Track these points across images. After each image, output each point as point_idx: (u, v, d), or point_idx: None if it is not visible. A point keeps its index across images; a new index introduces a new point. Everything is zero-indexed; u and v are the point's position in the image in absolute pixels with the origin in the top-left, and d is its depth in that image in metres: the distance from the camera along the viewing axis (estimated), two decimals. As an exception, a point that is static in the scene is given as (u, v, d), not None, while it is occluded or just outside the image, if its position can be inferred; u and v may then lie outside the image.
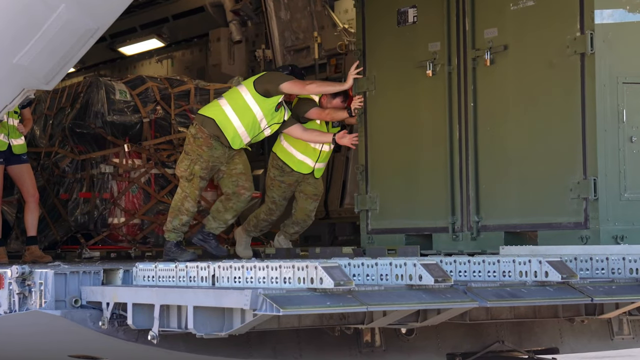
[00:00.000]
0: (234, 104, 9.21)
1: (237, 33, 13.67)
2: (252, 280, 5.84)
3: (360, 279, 5.96)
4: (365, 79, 9.01)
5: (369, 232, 8.94)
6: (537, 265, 6.06)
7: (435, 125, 8.39)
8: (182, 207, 9.33)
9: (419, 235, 8.53)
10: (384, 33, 8.86)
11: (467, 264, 6.32)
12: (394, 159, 8.75)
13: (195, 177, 9.27)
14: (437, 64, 8.34)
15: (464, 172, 8.16)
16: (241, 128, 9.22)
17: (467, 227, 8.14)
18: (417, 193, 8.53)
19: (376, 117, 8.93)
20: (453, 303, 5.85)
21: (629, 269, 6.39)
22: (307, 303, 5.49)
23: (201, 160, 9.24)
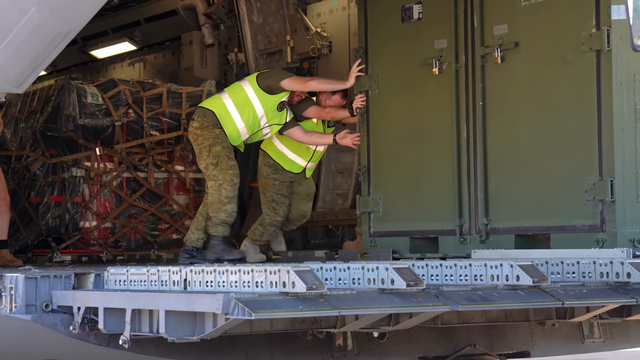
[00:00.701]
0: (235, 97, 8.91)
1: (210, 36, 13.64)
2: (224, 284, 5.84)
3: (332, 283, 5.96)
4: (368, 77, 8.73)
5: (371, 234, 8.64)
6: (509, 269, 6.09)
7: (441, 125, 8.13)
8: (221, 197, 8.73)
9: (424, 238, 8.26)
10: (387, 30, 8.58)
11: (439, 267, 6.34)
12: (398, 159, 8.49)
13: (221, 157, 8.76)
14: (444, 62, 8.08)
15: (472, 173, 7.92)
16: (241, 123, 8.88)
17: (476, 229, 7.88)
18: (422, 195, 8.27)
19: (379, 116, 8.65)
20: (425, 307, 5.86)
21: (600, 273, 6.42)
22: (279, 307, 5.49)
23: (219, 140, 8.81)
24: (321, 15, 12.36)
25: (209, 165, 8.75)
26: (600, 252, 6.83)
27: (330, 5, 12.25)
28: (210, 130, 8.80)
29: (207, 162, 8.75)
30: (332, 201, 12.11)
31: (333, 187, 12.20)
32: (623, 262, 6.39)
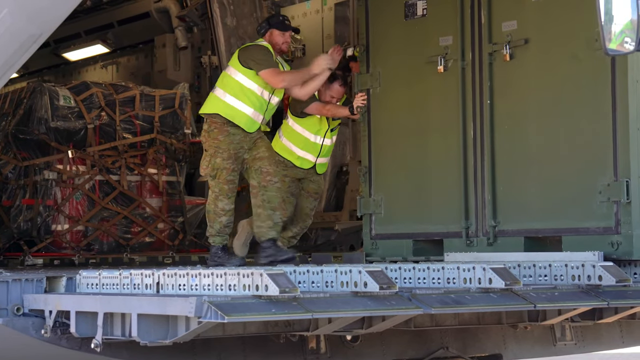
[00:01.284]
0: (230, 90, 8.52)
1: (183, 39, 13.63)
2: (197, 288, 5.82)
3: (305, 286, 5.96)
4: (369, 75, 8.48)
5: (372, 237, 8.37)
6: (481, 272, 6.11)
7: (446, 124, 7.90)
8: (216, 209, 8.51)
9: (428, 241, 8.02)
10: (390, 27, 8.35)
11: (411, 270, 6.35)
12: (401, 159, 8.25)
13: (220, 170, 8.47)
14: (449, 59, 7.86)
15: (479, 174, 7.70)
16: (248, 109, 8.48)
17: (483, 232, 7.65)
18: (426, 196, 8.03)
19: (381, 115, 8.41)
20: (398, 310, 5.87)
21: (571, 276, 6.45)
22: (252, 310, 5.48)
23: (220, 150, 8.48)
24: (295, 18, 12.37)
25: (208, 176, 8.58)
26: (572, 255, 6.85)
27: (304, 8, 12.27)
28: (216, 135, 8.50)
29: (207, 172, 8.57)
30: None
31: (306, 190, 12.19)
32: (594, 265, 6.42)
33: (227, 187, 8.50)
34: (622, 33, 5.20)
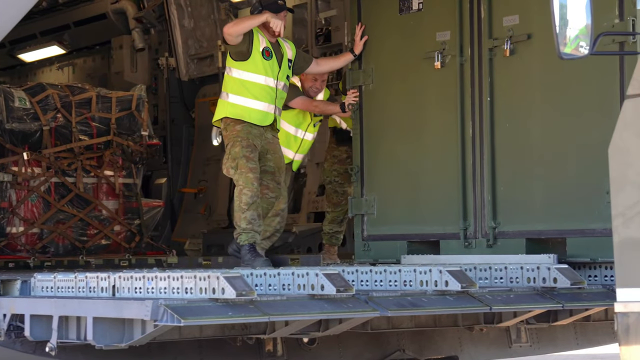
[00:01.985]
0: (231, 88, 8.06)
1: (140, 41, 13.57)
2: (153, 291, 5.80)
3: (262, 289, 5.95)
4: (362, 71, 8.21)
5: (364, 238, 8.09)
6: (438, 275, 6.13)
7: (443, 122, 7.63)
8: (241, 204, 7.89)
9: (423, 243, 7.75)
10: (383, 22, 8.09)
11: (368, 273, 6.37)
12: (395, 158, 7.98)
13: (240, 159, 7.91)
14: (447, 55, 7.59)
15: (478, 173, 7.43)
16: (258, 104, 8.00)
17: (482, 233, 7.39)
18: (422, 196, 7.76)
19: (374, 113, 8.14)
20: (354, 312, 5.88)
21: (527, 278, 6.49)
22: (209, 313, 5.47)
23: (239, 139, 7.95)
24: (252, 20, 12.33)
25: (230, 169, 8.00)
26: (527, 258, 6.89)
27: (262, 11, 12.24)
28: (233, 127, 8.00)
29: (228, 166, 8.01)
30: (263, 206, 12.10)
31: (264, 193, 12.18)
32: (550, 268, 6.47)
33: (251, 175, 7.88)
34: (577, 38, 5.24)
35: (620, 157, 5.15)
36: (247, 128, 7.97)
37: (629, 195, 5.05)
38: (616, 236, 5.07)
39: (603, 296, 6.57)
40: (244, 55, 7.98)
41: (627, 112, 5.18)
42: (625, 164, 5.11)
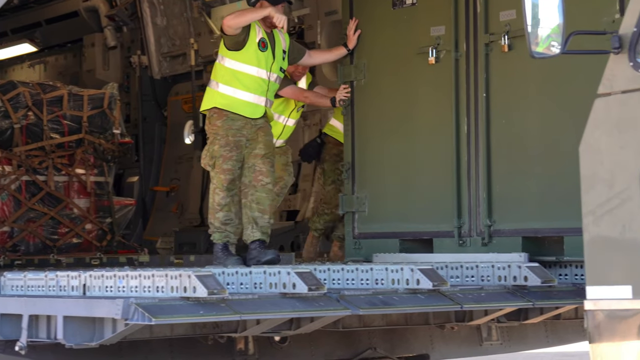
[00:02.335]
0: (222, 78, 7.84)
1: (112, 39, 13.51)
2: (125, 290, 5.78)
3: (234, 288, 5.95)
4: (353, 67, 8.06)
5: (355, 236, 7.94)
6: (409, 273, 6.15)
7: (437, 118, 7.48)
8: (213, 204, 7.83)
9: (416, 241, 7.60)
10: (376, 16, 7.94)
11: (340, 271, 6.37)
12: (387, 155, 7.81)
13: (217, 159, 7.78)
14: (441, 50, 7.44)
15: (473, 171, 7.28)
16: (247, 95, 7.83)
17: (477, 231, 7.25)
18: (415, 193, 7.61)
19: (365, 109, 7.96)
20: (326, 311, 5.89)
21: (498, 277, 6.52)
22: (180, 312, 5.46)
23: (218, 137, 7.80)
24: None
25: (207, 167, 7.91)
26: (499, 257, 6.92)
27: (235, 8, 12.22)
28: (214, 122, 7.84)
29: (206, 162, 7.90)
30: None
31: (236, 191, 12.17)
32: (520, 266, 6.50)
33: (223, 177, 7.77)
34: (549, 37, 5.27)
35: (590, 156, 5.19)
36: (228, 123, 7.79)
37: (600, 193, 5.09)
38: (586, 234, 5.11)
39: (573, 294, 6.61)
40: (239, 45, 7.81)
41: (597, 111, 5.22)
42: (595, 163, 5.14)
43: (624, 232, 4.95)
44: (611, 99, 5.15)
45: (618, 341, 4.91)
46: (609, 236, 5.02)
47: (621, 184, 5.00)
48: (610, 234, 5.02)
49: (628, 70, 5.08)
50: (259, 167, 7.84)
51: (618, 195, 5.03)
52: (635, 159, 4.96)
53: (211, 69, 12.45)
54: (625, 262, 4.94)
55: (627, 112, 5.08)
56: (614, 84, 5.16)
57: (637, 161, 4.96)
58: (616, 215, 5.01)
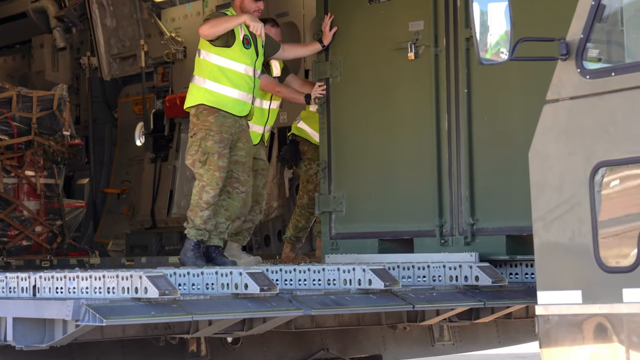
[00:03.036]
0: (208, 74, 7.69)
1: (61, 40, 13.42)
2: (75, 291, 5.74)
3: (186, 288, 5.93)
4: (329, 63, 7.88)
5: (332, 237, 7.74)
6: (361, 273, 6.16)
7: (417, 115, 7.29)
8: (200, 201, 7.56)
9: (396, 241, 7.39)
10: (351, 12, 7.77)
11: (292, 272, 6.37)
12: (365, 153, 7.62)
13: (211, 155, 7.56)
14: (420, 46, 7.26)
15: (455, 168, 7.10)
16: (235, 92, 7.68)
17: (459, 230, 7.06)
18: (394, 192, 7.40)
19: (342, 106, 7.79)
20: (278, 311, 5.89)
21: (449, 277, 6.55)
22: (131, 313, 5.43)
23: (212, 133, 7.60)
24: (175, 20, 12.28)
25: (196, 162, 7.61)
26: (450, 257, 6.95)
27: (185, 10, 12.20)
28: (206, 117, 7.63)
29: (195, 159, 7.62)
30: (187, 207, 12.00)
31: (188, 193, 12.11)
32: (472, 266, 6.53)
33: (218, 174, 7.55)
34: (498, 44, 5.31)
35: (539, 162, 5.23)
36: (221, 119, 7.65)
37: (549, 199, 5.13)
38: (537, 239, 5.14)
39: (524, 294, 6.65)
40: (226, 44, 7.68)
41: (546, 117, 5.26)
42: (544, 169, 5.19)
43: (574, 237, 5.00)
44: (559, 105, 5.20)
45: (568, 346, 4.95)
46: (559, 241, 5.06)
47: (570, 190, 5.04)
48: (560, 240, 5.06)
49: (575, 76, 5.12)
50: (237, 174, 7.73)
51: (567, 201, 5.08)
52: (583, 165, 5.01)
53: (162, 70, 12.58)
54: (575, 267, 4.98)
55: (575, 119, 5.13)
56: (561, 90, 5.20)
57: (586, 167, 5.00)
58: (566, 221, 5.05)
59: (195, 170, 7.67)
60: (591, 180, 4.97)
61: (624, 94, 4.94)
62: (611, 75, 5.00)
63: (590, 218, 4.93)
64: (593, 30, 5.13)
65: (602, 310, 4.85)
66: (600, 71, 5.06)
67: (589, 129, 5.08)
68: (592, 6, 5.09)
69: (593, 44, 5.17)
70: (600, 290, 4.88)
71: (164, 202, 12.08)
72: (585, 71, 5.09)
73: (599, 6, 5.10)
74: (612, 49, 5.25)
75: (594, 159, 4.98)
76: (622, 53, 5.15)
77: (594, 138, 5.04)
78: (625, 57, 5.11)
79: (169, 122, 12.24)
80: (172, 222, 11.94)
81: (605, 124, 5.01)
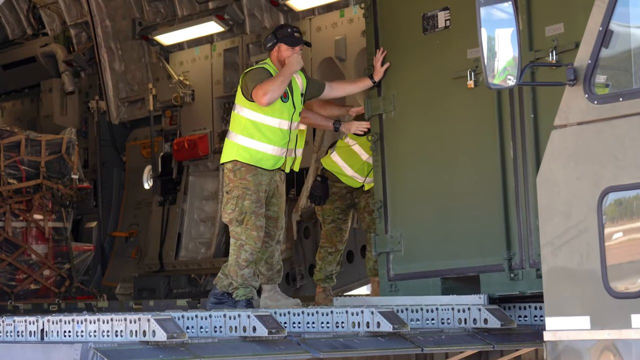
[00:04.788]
0: (242, 129, 7.46)
1: (70, 84, 13.50)
2: (83, 334, 5.73)
3: (194, 332, 5.91)
4: (382, 98, 7.60)
5: (390, 278, 7.39)
6: (370, 316, 6.14)
7: (478, 145, 6.99)
8: (239, 260, 7.41)
9: (460, 279, 7.07)
10: (404, 44, 7.50)
11: (300, 315, 6.35)
12: (423, 189, 7.32)
13: (248, 215, 7.38)
14: (481, 73, 6.60)
15: (522, 197, 6.74)
16: (269, 147, 7.47)
17: (530, 262, 6.69)
18: (456, 227, 7.07)
19: (396, 142, 7.50)
20: (287, 354, 5.86)
21: (458, 319, 6.53)
22: (139, 356, 5.42)
23: (249, 192, 7.43)
24: (183, 63, 12.35)
25: (233, 221, 7.43)
26: (458, 299, 6.92)
27: (193, 54, 12.27)
28: (243, 175, 7.45)
29: (232, 217, 7.43)
30: (195, 250, 12.05)
31: (196, 236, 12.14)
32: (480, 309, 6.51)
33: (256, 233, 7.39)
34: (505, 70, 5.33)
35: (548, 187, 5.22)
36: (259, 178, 7.46)
37: (557, 224, 5.12)
38: (545, 265, 5.12)
39: (533, 336, 6.62)
40: None
41: (554, 143, 5.26)
42: (552, 194, 5.17)
43: (582, 263, 4.98)
44: (567, 130, 5.20)
45: (577, 371, 4.92)
46: (567, 267, 5.05)
47: (578, 215, 5.03)
48: (568, 265, 5.04)
49: (583, 102, 5.13)
50: (269, 229, 7.60)
51: (575, 227, 5.06)
52: (591, 190, 5.00)
53: (170, 114, 12.63)
54: (583, 293, 4.96)
55: (583, 144, 5.13)
56: (569, 115, 5.20)
57: (594, 192, 4.99)
58: (573, 247, 5.03)
59: (231, 228, 7.49)
60: (599, 205, 4.96)
61: (631, 119, 4.94)
62: (619, 100, 5.01)
63: (598, 243, 4.92)
64: (600, 56, 5.14)
65: (611, 335, 4.83)
66: (608, 97, 5.07)
67: (596, 155, 5.07)
68: (600, 32, 5.10)
69: (601, 69, 5.18)
70: (608, 316, 4.86)
71: (172, 245, 12.08)
72: (593, 96, 5.10)
73: (607, 32, 5.11)
74: (619, 75, 5.25)
75: (602, 184, 4.98)
76: (630, 79, 5.15)
77: (602, 163, 5.03)
78: (633, 82, 5.11)
79: (177, 165, 12.28)
80: (180, 265, 11.94)
81: (613, 150, 5.01)
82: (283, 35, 7.59)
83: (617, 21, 5.15)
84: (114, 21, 12.85)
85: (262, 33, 11.41)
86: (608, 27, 5.09)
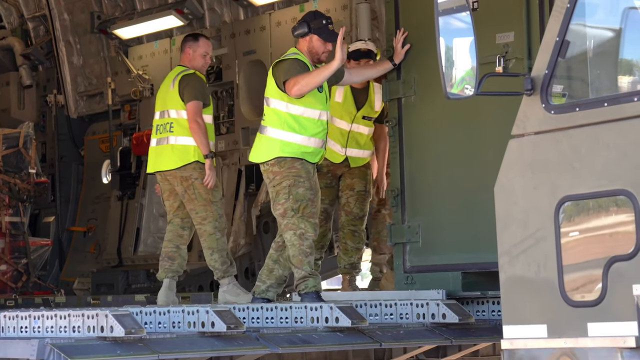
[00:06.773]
0: (282, 124, 7.07)
1: (28, 77, 13.40)
2: (40, 330, 5.69)
3: (152, 327, 5.89)
4: (401, 82, 7.26)
5: (406, 270, 7.09)
6: (328, 311, 6.15)
7: (504, 134, 6.37)
8: (303, 247, 6.95)
9: (482, 274, 6.74)
10: (427, 26, 6.91)
11: (259, 310, 6.35)
12: (444, 178, 7.00)
13: (303, 202, 6.98)
14: (510, 59, 6.64)
15: None
16: (312, 140, 7.08)
17: None
18: (479, 218, 6.68)
19: (416, 128, 7.16)
20: (245, 349, 5.86)
21: (416, 314, 6.55)
22: (97, 352, 5.39)
23: (301, 179, 7.01)
24: (143, 57, 12.29)
25: (288, 211, 6.98)
26: (417, 294, 6.95)
27: (152, 48, 12.22)
28: (290, 165, 7.03)
29: (286, 207, 6.98)
30: (154, 245, 12.01)
31: (155, 231, 12.09)
32: (439, 304, 6.54)
33: (313, 220, 7.00)
34: (463, 80, 5.36)
35: (505, 196, 5.25)
36: (306, 166, 7.07)
37: (514, 233, 5.15)
38: (502, 274, 5.16)
39: (491, 331, 6.66)
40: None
41: (511, 152, 5.30)
42: (510, 203, 5.21)
43: (539, 271, 5.01)
44: (524, 140, 5.24)
45: (535, 380, 4.96)
46: (524, 276, 5.08)
47: (535, 224, 5.07)
48: (525, 274, 5.08)
49: (540, 111, 5.17)
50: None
51: (532, 235, 5.09)
52: (548, 199, 5.04)
53: (129, 108, 12.57)
54: (541, 301, 5.00)
55: (540, 153, 5.17)
56: (526, 125, 5.24)
57: (551, 201, 5.03)
58: (531, 255, 5.06)
59: (286, 221, 7.01)
60: (556, 214, 4.99)
61: (588, 129, 4.98)
62: (575, 110, 5.04)
63: (555, 252, 4.96)
64: (558, 66, 5.18)
65: (567, 344, 4.86)
66: (564, 106, 5.10)
67: (554, 164, 5.11)
68: (557, 42, 5.14)
69: (558, 79, 5.22)
70: (565, 325, 4.90)
71: (131, 240, 12.03)
72: (550, 106, 5.14)
73: (563, 42, 5.15)
74: (576, 85, 5.29)
75: (559, 193, 5.01)
76: (586, 89, 5.20)
77: (559, 173, 5.07)
78: (590, 92, 5.16)
79: (135, 160, 12.23)
80: (139, 259, 11.89)
81: (570, 159, 5.05)
82: (317, 27, 7.16)
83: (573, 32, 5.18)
84: (72, 14, 12.77)
85: (222, 27, 11.38)
86: (565, 37, 5.12)
